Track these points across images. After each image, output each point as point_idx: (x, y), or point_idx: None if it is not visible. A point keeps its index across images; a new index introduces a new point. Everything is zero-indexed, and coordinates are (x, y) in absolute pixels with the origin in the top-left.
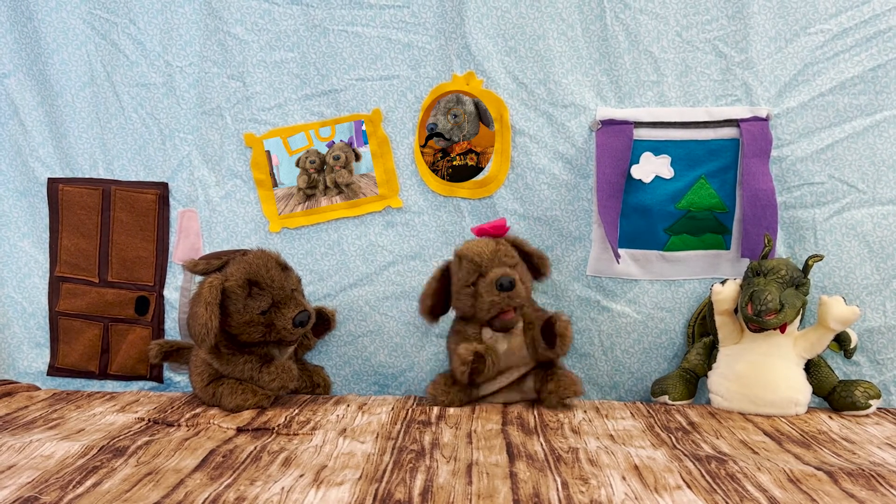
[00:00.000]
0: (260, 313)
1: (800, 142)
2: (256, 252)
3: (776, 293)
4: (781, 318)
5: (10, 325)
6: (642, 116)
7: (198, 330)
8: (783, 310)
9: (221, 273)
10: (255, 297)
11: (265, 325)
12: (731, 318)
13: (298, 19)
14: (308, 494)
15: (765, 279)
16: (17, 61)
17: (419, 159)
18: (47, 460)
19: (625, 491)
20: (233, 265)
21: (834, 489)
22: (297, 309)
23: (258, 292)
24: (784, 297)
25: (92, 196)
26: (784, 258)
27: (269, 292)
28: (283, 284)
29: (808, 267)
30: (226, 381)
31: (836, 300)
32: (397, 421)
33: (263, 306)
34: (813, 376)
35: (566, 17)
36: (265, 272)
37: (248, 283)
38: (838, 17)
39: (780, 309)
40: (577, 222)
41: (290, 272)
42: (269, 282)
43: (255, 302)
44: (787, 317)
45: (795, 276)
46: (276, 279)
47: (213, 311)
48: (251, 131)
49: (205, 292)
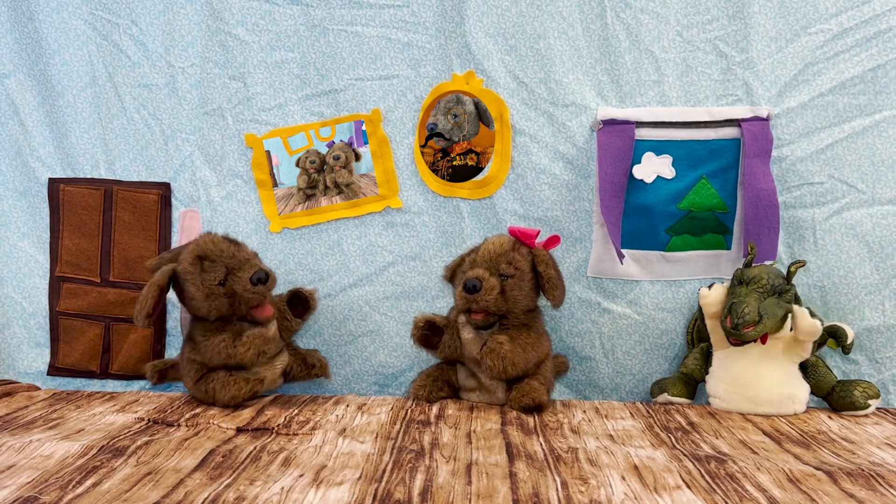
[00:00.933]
0: (218, 284)
1: (800, 142)
2: (203, 234)
3: (755, 305)
4: (760, 330)
5: (10, 325)
6: (643, 116)
7: (136, 308)
8: (762, 321)
9: (174, 261)
10: (208, 270)
11: (226, 294)
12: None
13: (298, 19)
14: (308, 494)
15: (746, 289)
16: (18, 61)
17: (419, 159)
18: (47, 460)
19: (624, 491)
20: (183, 252)
21: (833, 489)
22: (251, 270)
23: (210, 265)
24: (764, 308)
25: (94, 196)
26: (767, 265)
27: (220, 262)
28: (233, 254)
29: (791, 274)
30: (215, 375)
31: (801, 312)
32: (397, 421)
33: (219, 276)
34: (810, 376)
35: (567, 15)
36: (213, 246)
37: (198, 259)
38: (839, 16)
39: (759, 320)
40: (577, 223)
41: (242, 246)
42: (219, 253)
43: (209, 274)
44: (766, 327)
45: (777, 283)
46: (226, 250)
47: (154, 291)
48: (252, 131)
49: (156, 276)
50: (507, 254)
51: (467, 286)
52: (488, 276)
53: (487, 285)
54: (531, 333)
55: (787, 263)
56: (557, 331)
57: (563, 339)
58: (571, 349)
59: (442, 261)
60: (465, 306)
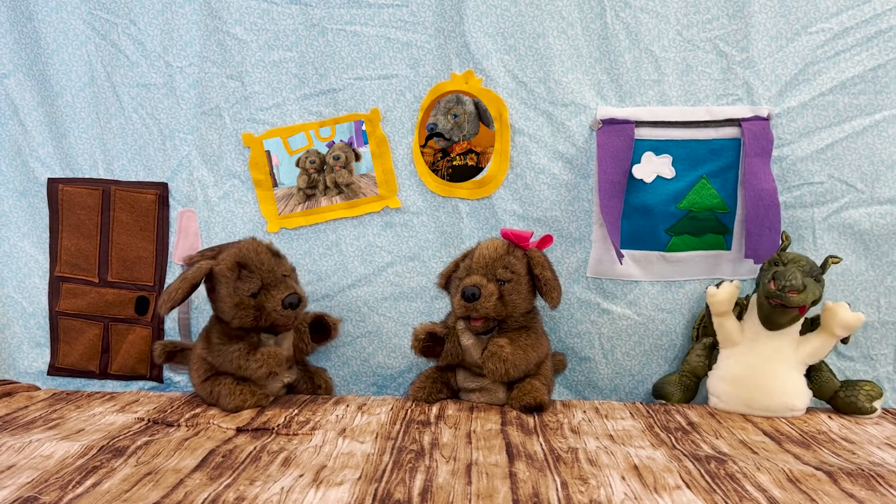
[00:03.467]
0: (250, 295)
1: (800, 141)
2: (248, 239)
3: (799, 275)
4: (803, 298)
5: (10, 325)
6: (643, 115)
7: (163, 297)
8: (805, 290)
9: (213, 259)
10: (245, 280)
11: (255, 307)
12: (728, 319)
13: (297, 19)
14: (308, 494)
15: (785, 266)
16: (17, 61)
17: (418, 159)
18: (47, 460)
19: (624, 491)
20: (224, 251)
21: (833, 489)
22: (286, 291)
23: (247, 275)
24: (806, 282)
25: (92, 196)
26: None
27: (258, 275)
28: (272, 268)
29: (827, 265)
30: (223, 380)
31: (841, 306)
32: (397, 421)
33: (253, 288)
34: (814, 381)
35: (566, 15)
36: (255, 255)
37: (237, 266)
38: (839, 16)
39: (804, 289)
40: (577, 223)
41: (283, 259)
42: (259, 264)
43: (245, 284)
44: (808, 298)
45: (814, 270)
46: (266, 263)
47: (186, 286)
48: (249, 131)
49: (189, 272)
50: (502, 258)
51: (466, 294)
52: (486, 283)
53: (486, 292)
54: (530, 335)
55: None
56: (557, 331)
57: (562, 340)
58: (571, 350)
59: (441, 261)
60: (465, 314)
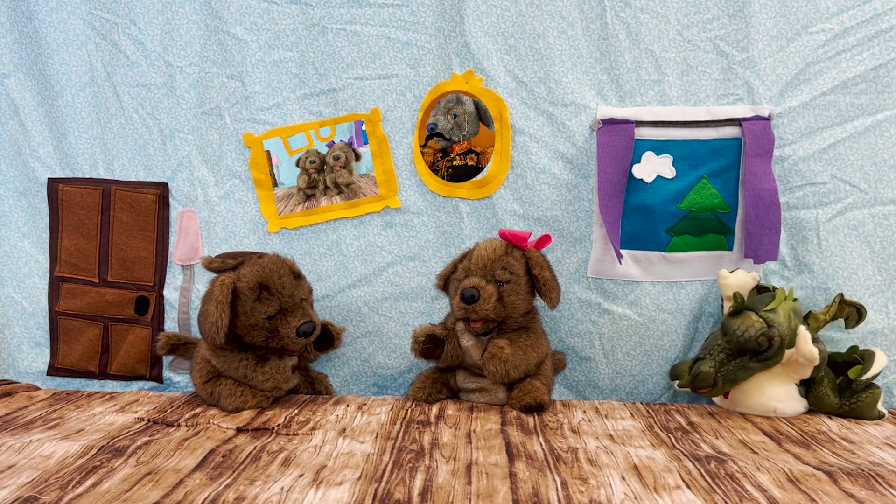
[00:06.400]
0: (266, 318)
1: (801, 141)
2: (272, 257)
3: (711, 370)
4: (714, 393)
5: (10, 325)
6: (643, 115)
7: (208, 328)
8: (716, 387)
9: (234, 273)
10: (264, 302)
11: (270, 330)
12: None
13: (297, 18)
14: (307, 494)
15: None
16: (18, 61)
17: (418, 159)
18: (47, 460)
19: (624, 491)
20: (246, 266)
21: (833, 489)
22: (303, 319)
23: (267, 297)
24: (726, 371)
25: (92, 196)
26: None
27: (277, 298)
28: (292, 292)
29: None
30: (224, 381)
31: (804, 336)
32: (396, 421)
33: (270, 312)
34: (811, 394)
35: (566, 15)
36: (277, 278)
37: (258, 286)
38: (840, 16)
39: (714, 385)
40: (577, 223)
41: (303, 281)
42: (280, 288)
43: (263, 306)
44: (721, 391)
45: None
46: (287, 286)
47: (224, 309)
48: (250, 131)
49: (216, 290)
50: (501, 259)
51: (465, 296)
52: (485, 284)
53: (485, 294)
54: (530, 335)
55: (790, 265)
56: (557, 331)
57: (562, 340)
58: (571, 350)
59: (441, 261)
60: (464, 316)
